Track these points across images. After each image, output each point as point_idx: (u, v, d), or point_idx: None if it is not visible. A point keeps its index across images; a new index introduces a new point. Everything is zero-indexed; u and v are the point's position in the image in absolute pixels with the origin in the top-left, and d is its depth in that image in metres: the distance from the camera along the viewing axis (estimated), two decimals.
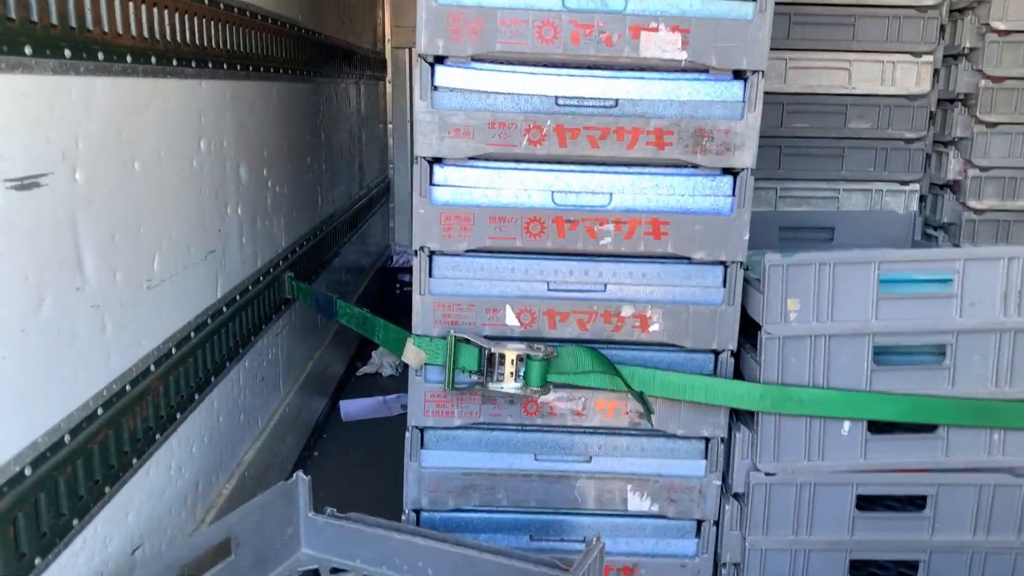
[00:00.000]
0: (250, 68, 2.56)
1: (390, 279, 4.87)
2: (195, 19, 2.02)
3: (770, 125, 2.49)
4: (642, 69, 1.83)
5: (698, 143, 1.83)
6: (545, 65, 1.82)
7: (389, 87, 5.49)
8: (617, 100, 1.83)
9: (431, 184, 1.86)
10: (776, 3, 2.42)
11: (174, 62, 1.92)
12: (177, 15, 1.91)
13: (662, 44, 1.78)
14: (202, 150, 2.14)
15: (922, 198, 2.62)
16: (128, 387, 1.70)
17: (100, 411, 1.57)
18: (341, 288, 3.98)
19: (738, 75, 1.84)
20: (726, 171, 1.88)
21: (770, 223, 2.53)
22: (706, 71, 1.82)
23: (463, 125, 1.81)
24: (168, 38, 1.86)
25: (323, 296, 2.61)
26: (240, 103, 2.44)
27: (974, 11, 2.47)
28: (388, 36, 5.41)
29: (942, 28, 2.52)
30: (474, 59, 1.79)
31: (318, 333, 3.44)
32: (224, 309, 2.29)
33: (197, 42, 2.05)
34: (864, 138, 2.53)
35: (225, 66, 2.31)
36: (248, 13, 2.48)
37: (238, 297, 2.42)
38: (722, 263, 1.91)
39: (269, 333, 2.77)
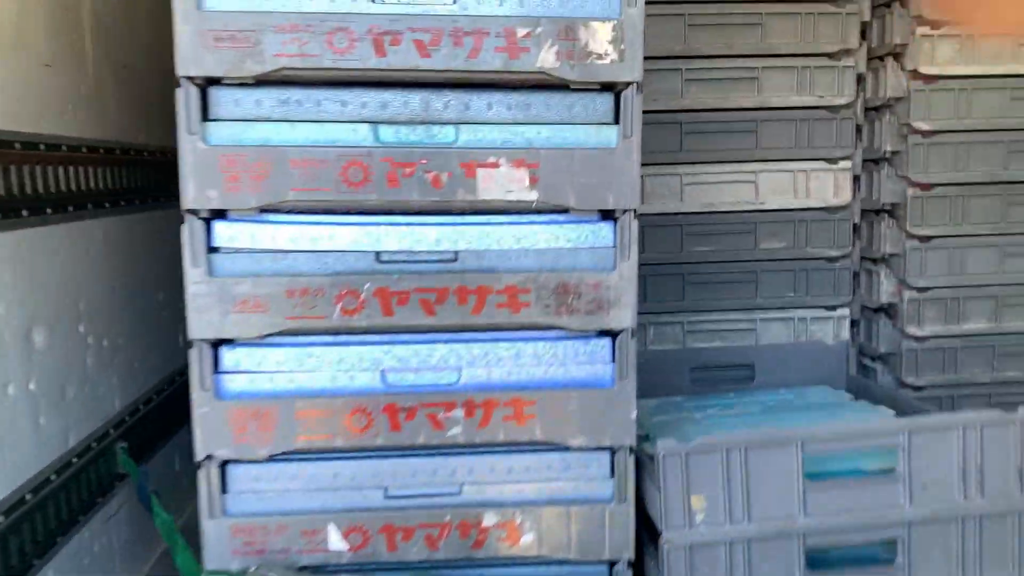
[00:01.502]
0: (48, 211, 2.12)
1: None
2: None
3: (669, 251, 2.13)
4: (487, 212, 1.43)
5: (563, 302, 1.43)
6: (361, 212, 1.42)
7: None
8: (456, 253, 1.43)
9: (217, 372, 1.42)
10: (665, 111, 2.11)
11: None
12: None
13: (505, 183, 1.39)
14: None
15: (854, 323, 2.27)
16: None
17: None
18: None
19: (607, 214, 1.45)
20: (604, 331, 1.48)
21: (679, 363, 2.14)
22: (566, 211, 1.44)
23: (252, 296, 1.38)
24: None
25: (142, 484, 2.12)
26: (33, 256, 1.98)
27: (892, 110, 2.16)
28: None
29: (859, 129, 2.21)
30: (264, 210, 1.38)
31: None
32: (0, 519, 1.80)
33: None
34: (780, 259, 2.17)
35: None
36: (43, 146, 2.05)
37: (28, 496, 1.92)
38: (608, 449, 1.48)
39: (96, 520, 2.25)
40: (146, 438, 2.57)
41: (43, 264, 2.02)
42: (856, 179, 2.21)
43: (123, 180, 2.54)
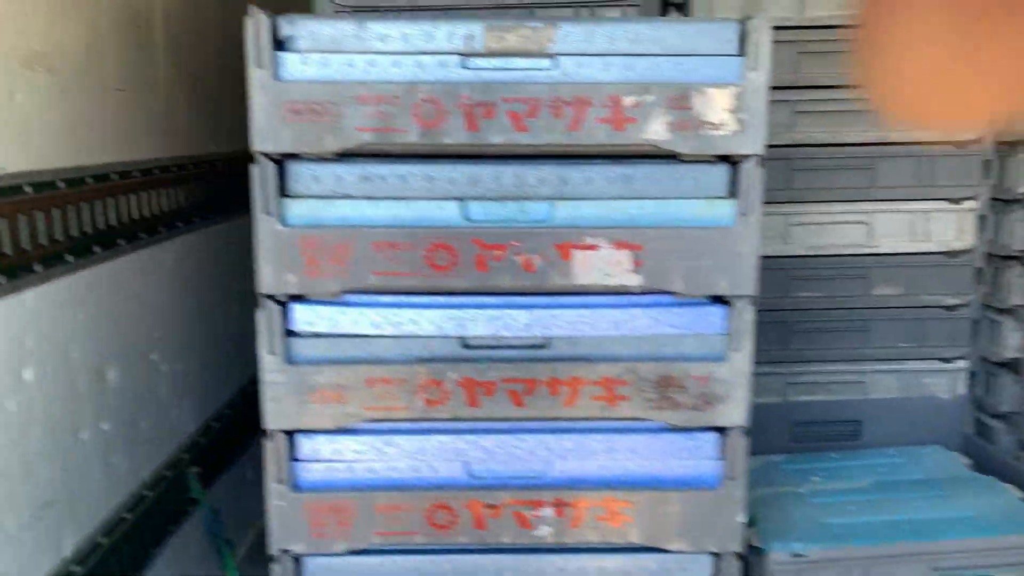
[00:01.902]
0: (121, 241, 2.06)
1: None
2: (2, 224, 1.52)
3: (771, 296, 1.95)
4: (581, 293, 1.31)
5: (664, 396, 1.30)
6: (447, 293, 1.30)
7: None
8: (548, 339, 1.31)
9: (293, 460, 1.33)
10: (771, 146, 1.92)
11: None
12: None
13: (604, 266, 1.26)
14: (27, 382, 1.62)
15: (973, 375, 2.07)
16: None
17: None
18: None
19: (717, 296, 1.31)
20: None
21: (780, 418, 1.98)
22: (671, 294, 1.30)
23: (332, 386, 1.28)
24: None
25: (215, 529, 2.08)
26: (104, 291, 1.93)
27: None
28: None
29: (986, 164, 1.99)
30: (345, 292, 1.28)
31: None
32: (76, 569, 1.77)
33: (8, 252, 1.56)
34: (893, 307, 1.99)
35: (68, 258, 1.81)
36: (115, 176, 1.98)
37: (102, 540, 1.89)
38: (712, 554, 1.36)
39: (169, 548, 2.23)
40: (219, 455, 2.53)
41: (116, 298, 1.97)
42: (981, 219, 2.00)
43: (194, 196, 2.47)
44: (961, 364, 2.01)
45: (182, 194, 2.38)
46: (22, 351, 1.61)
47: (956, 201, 1.95)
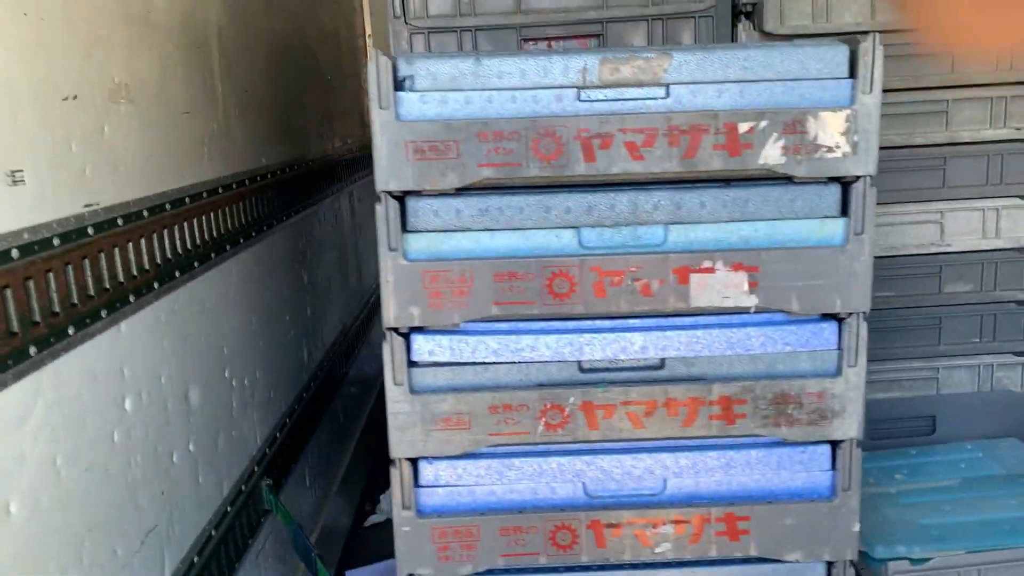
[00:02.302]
0: (196, 264, 2.09)
1: None
2: (101, 258, 1.54)
3: None
4: (694, 314, 1.33)
5: (781, 412, 1.33)
6: (564, 318, 1.32)
7: None
8: (663, 360, 1.33)
9: (417, 486, 1.36)
10: None
11: (70, 331, 1.45)
12: (69, 269, 1.44)
13: (722, 288, 1.28)
14: (128, 412, 1.66)
15: None
16: None
17: None
18: (351, 411, 3.45)
19: (830, 313, 1.33)
20: None
21: None
22: (786, 312, 1.32)
23: (455, 413, 1.31)
24: (56, 310, 1.39)
25: (305, 544, 2.11)
26: (186, 314, 1.96)
27: None
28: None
29: None
30: (466, 322, 1.30)
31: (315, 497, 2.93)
32: None
33: (107, 286, 1.58)
34: (965, 304, 2.01)
35: (157, 285, 1.83)
36: (187, 199, 1.99)
37: (195, 559, 1.93)
38: (827, 563, 1.39)
39: (247, 561, 2.27)
40: (283, 464, 2.57)
41: (194, 320, 1.99)
42: None
43: (252, 211, 2.49)
44: None
45: (241, 211, 2.40)
46: (122, 381, 1.64)
47: None
